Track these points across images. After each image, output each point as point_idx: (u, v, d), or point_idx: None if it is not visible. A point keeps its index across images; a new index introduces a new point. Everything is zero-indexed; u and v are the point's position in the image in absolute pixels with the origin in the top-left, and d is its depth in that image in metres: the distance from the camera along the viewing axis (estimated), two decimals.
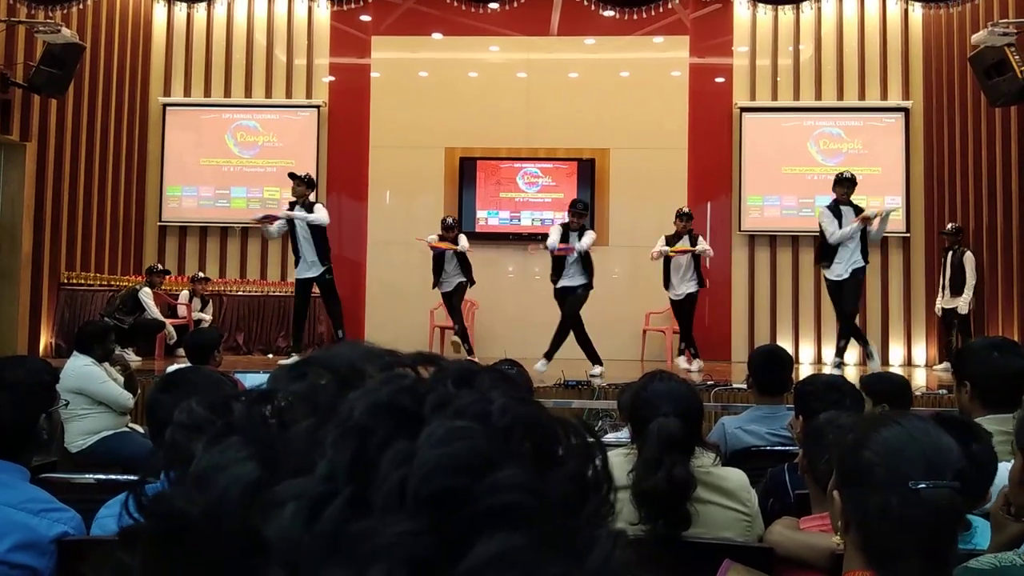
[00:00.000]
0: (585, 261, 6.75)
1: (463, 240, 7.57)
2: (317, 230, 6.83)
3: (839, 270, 6.62)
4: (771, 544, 1.85)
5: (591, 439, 0.35)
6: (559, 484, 0.32)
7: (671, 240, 7.49)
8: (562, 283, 6.81)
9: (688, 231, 7.47)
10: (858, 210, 6.67)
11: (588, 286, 6.77)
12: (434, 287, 7.56)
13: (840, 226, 6.58)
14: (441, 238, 7.54)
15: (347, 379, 0.34)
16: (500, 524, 0.29)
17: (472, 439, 0.31)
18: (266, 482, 0.31)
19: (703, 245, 7.50)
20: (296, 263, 6.97)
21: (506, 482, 0.30)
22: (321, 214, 6.86)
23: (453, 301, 7.57)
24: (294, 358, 6.51)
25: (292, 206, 6.95)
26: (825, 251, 6.70)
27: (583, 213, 6.87)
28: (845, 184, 6.77)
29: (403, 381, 0.34)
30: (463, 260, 7.57)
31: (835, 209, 6.72)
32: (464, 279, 7.57)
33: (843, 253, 6.59)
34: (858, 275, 6.63)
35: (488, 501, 0.29)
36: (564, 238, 6.76)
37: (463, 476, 0.30)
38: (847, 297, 6.65)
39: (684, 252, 7.41)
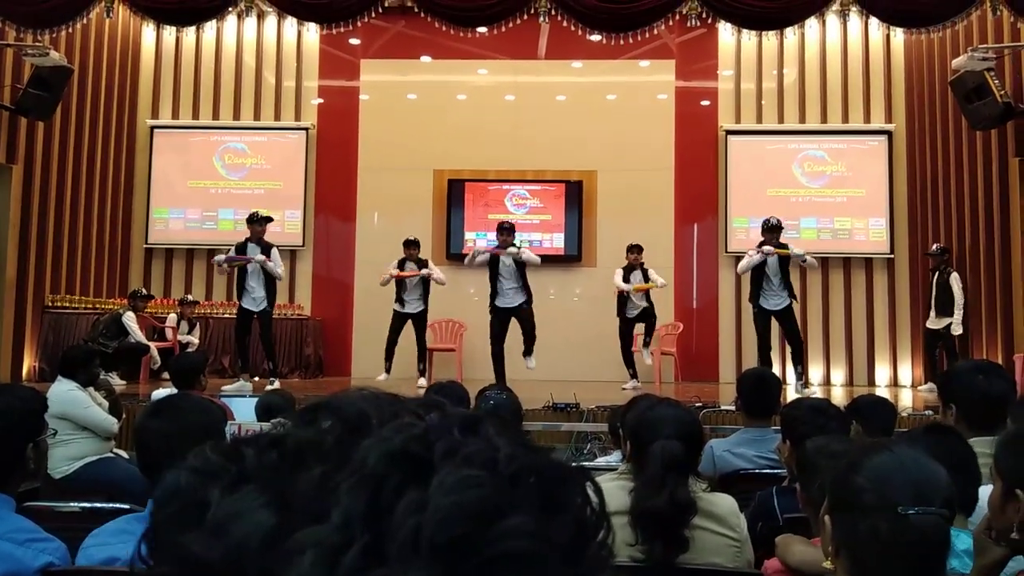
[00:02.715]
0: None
1: (434, 269, 7.71)
2: (268, 275, 7.10)
3: (771, 304, 7.17)
4: (782, 549, 1.85)
5: (590, 483, 0.35)
6: (564, 530, 0.33)
7: (627, 272, 7.77)
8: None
9: (640, 264, 7.76)
10: (784, 259, 7.13)
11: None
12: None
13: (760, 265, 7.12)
14: (407, 259, 7.64)
15: (355, 426, 0.35)
16: (510, 570, 0.30)
17: (482, 487, 0.32)
18: (283, 530, 0.32)
19: (657, 278, 7.79)
20: (239, 294, 7.19)
21: (515, 529, 0.31)
22: (280, 268, 7.23)
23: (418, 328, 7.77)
24: (243, 381, 6.78)
25: (246, 243, 7.11)
26: (752, 288, 7.26)
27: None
28: (772, 231, 7.20)
29: (413, 430, 0.35)
30: (425, 282, 7.69)
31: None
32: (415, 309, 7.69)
33: (768, 290, 7.13)
34: (789, 310, 7.22)
35: (499, 548, 0.30)
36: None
37: (475, 524, 0.31)
38: (793, 325, 7.29)
39: (645, 289, 7.71)
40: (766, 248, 7.05)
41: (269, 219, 7.27)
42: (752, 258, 7.11)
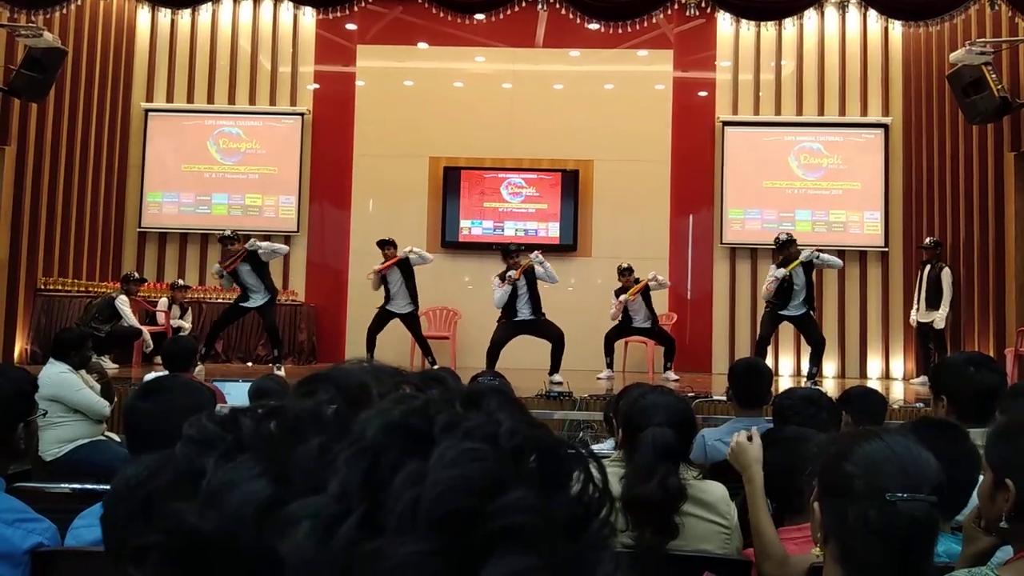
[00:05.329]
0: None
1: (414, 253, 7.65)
2: (262, 266, 7.18)
3: (787, 310, 7.21)
4: (758, 557, 1.86)
5: (593, 460, 0.35)
6: (565, 506, 0.33)
7: (620, 294, 7.80)
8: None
9: (635, 281, 7.77)
10: (806, 263, 7.14)
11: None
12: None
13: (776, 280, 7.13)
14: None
15: (355, 398, 0.35)
16: (509, 545, 0.30)
17: (483, 461, 0.31)
18: (279, 500, 0.31)
19: (655, 280, 7.79)
20: (241, 297, 7.30)
21: (516, 504, 0.31)
22: (274, 245, 7.44)
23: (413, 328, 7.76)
24: (200, 367, 6.64)
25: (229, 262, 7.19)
26: (778, 295, 7.24)
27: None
28: (787, 246, 7.22)
29: (414, 402, 0.34)
30: (408, 280, 7.62)
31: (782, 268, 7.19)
32: (405, 310, 7.64)
33: (791, 299, 7.16)
34: (807, 317, 7.28)
35: (498, 523, 0.30)
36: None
37: (474, 497, 0.30)
38: (814, 329, 7.37)
39: (638, 290, 7.71)
40: (779, 272, 7.06)
41: (236, 237, 7.28)
42: (774, 281, 7.10)
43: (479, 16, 8.00)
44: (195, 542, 0.31)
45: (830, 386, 7.84)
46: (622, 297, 7.72)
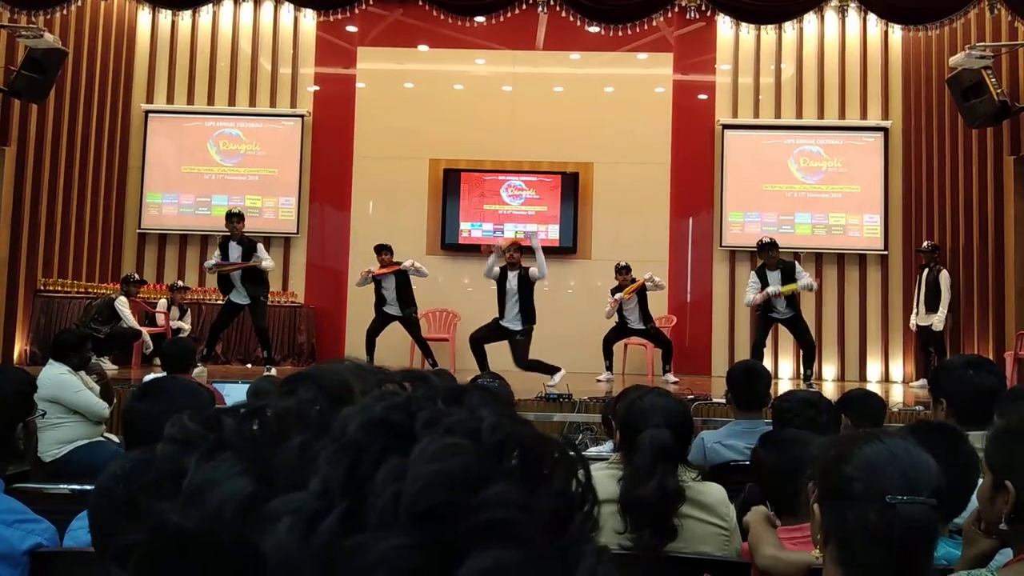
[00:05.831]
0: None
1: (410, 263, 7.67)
2: (254, 273, 7.15)
3: (777, 313, 7.25)
4: (753, 542, 1.86)
5: (576, 456, 0.35)
6: (547, 500, 0.32)
7: (616, 292, 7.81)
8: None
9: (631, 280, 7.76)
10: (787, 272, 7.11)
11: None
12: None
13: (762, 290, 7.13)
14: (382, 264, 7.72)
15: (337, 396, 0.35)
16: (491, 539, 0.30)
17: (464, 456, 0.31)
18: (260, 497, 0.31)
19: (651, 280, 7.76)
20: (228, 290, 7.27)
21: (497, 498, 0.31)
22: (267, 261, 7.30)
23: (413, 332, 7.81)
24: (201, 369, 6.65)
25: (227, 243, 7.16)
26: (761, 306, 7.28)
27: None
28: (768, 249, 7.17)
29: (395, 398, 0.34)
30: (402, 288, 7.65)
31: (762, 275, 7.20)
32: (400, 313, 7.68)
33: (779, 305, 7.19)
34: (796, 319, 7.30)
35: (480, 517, 0.30)
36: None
37: (455, 492, 0.30)
38: (804, 332, 7.39)
39: (633, 289, 7.70)
40: (771, 290, 7.05)
41: (241, 216, 7.28)
42: (756, 296, 7.12)
43: (479, 18, 8.01)
44: (177, 540, 0.31)
45: (829, 389, 7.83)
46: (617, 295, 7.72)
